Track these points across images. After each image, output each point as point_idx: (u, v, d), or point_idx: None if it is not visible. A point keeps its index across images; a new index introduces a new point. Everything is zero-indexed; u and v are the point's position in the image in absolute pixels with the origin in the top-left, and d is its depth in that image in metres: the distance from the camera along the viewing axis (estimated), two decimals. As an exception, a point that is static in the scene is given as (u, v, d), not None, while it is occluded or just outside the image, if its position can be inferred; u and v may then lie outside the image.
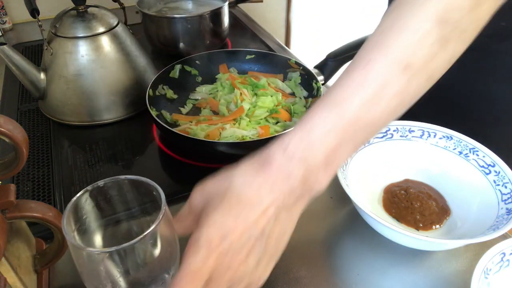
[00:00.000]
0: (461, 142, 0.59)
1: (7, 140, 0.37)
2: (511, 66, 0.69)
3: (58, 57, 0.73)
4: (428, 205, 0.56)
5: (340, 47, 0.77)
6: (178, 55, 0.94)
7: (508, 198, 0.51)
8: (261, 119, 0.72)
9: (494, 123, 0.75)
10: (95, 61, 0.73)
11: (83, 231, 0.38)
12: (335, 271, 0.51)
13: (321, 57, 0.78)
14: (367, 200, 0.59)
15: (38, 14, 0.71)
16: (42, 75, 0.74)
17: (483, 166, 0.56)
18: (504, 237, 0.52)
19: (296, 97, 0.79)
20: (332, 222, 0.58)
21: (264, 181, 0.36)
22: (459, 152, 0.60)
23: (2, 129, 0.36)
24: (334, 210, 0.59)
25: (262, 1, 1.41)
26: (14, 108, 0.83)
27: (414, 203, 0.56)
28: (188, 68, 0.83)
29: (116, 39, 0.76)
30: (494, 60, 0.71)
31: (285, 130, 0.64)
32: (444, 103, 0.77)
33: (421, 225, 0.55)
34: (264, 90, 0.76)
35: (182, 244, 0.40)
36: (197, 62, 0.84)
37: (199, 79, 0.85)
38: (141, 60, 0.81)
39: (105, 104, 0.76)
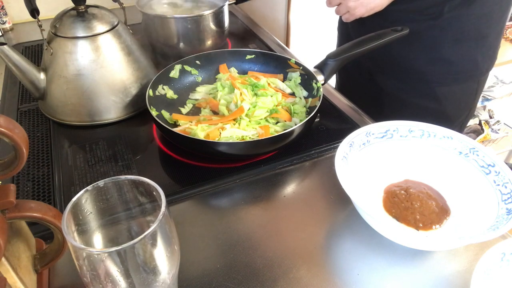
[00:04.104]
0: (461, 142, 0.59)
1: (7, 140, 0.37)
2: (461, 30, 0.82)
3: (58, 57, 0.73)
4: (428, 205, 0.56)
5: (340, 47, 0.77)
6: (178, 55, 0.94)
7: (508, 198, 0.51)
8: (261, 119, 0.72)
9: (444, 82, 0.89)
10: (95, 61, 0.73)
11: (83, 231, 0.38)
12: (335, 271, 0.51)
13: (321, 57, 0.78)
14: (367, 200, 0.59)
15: (38, 14, 0.71)
16: (42, 75, 0.74)
17: (483, 166, 0.56)
18: (504, 237, 0.52)
19: (296, 97, 0.79)
20: (332, 222, 0.58)
21: None
22: (459, 152, 0.60)
23: (2, 129, 0.36)
24: (334, 210, 0.59)
25: None
26: (14, 108, 0.83)
27: (414, 203, 0.56)
28: (188, 68, 0.83)
29: (116, 39, 0.76)
30: (446, 26, 0.82)
31: (285, 130, 0.64)
32: (402, 70, 0.91)
33: (421, 225, 0.55)
34: (264, 90, 0.76)
35: (182, 244, 0.40)
36: (197, 62, 0.84)
37: (199, 79, 0.85)
38: (141, 60, 0.81)
39: (105, 104, 0.76)
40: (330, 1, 0.84)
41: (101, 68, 0.74)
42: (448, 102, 0.91)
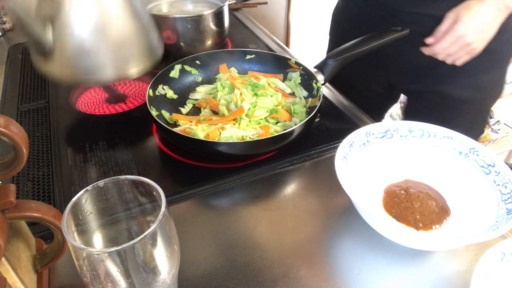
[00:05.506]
0: (461, 142, 0.59)
1: (7, 140, 0.37)
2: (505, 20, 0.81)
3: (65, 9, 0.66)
4: (428, 205, 0.56)
5: (340, 47, 0.77)
6: (178, 55, 0.94)
7: (508, 198, 0.51)
8: (261, 119, 0.72)
9: (486, 70, 0.87)
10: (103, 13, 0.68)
11: (83, 231, 0.38)
12: (335, 271, 0.51)
13: (321, 57, 0.78)
14: (367, 200, 0.59)
15: None
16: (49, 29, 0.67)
17: (483, 166, 0.56)
18: (504, 237, 0.52)
19: (296, 97, 0.79)
20: (332, 222, 0.58)
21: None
22: (459, 152, 0.60)
23: (2, 129, 0.36)
24: (334, 210, 0.59)
25: (266, 3, 1.42)
26: (14, 108, 0.83)
27: (414, 203, 0.56)
28: (188, 68, 0.83)
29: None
30: None
31: (285, 130, 0.64)
32: (445, 65, 0.85)
33: (421, 225, 0.55)
34: (264, 90, 0.76)
35: (182, 244, 0.40)
36: (197, 62, 0.84)
37: (199, 79, 0.85)
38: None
39: (124, 55, 0.72)
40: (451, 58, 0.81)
41: (109, 21, 0.70)
42: (488, 89, 0.92)
